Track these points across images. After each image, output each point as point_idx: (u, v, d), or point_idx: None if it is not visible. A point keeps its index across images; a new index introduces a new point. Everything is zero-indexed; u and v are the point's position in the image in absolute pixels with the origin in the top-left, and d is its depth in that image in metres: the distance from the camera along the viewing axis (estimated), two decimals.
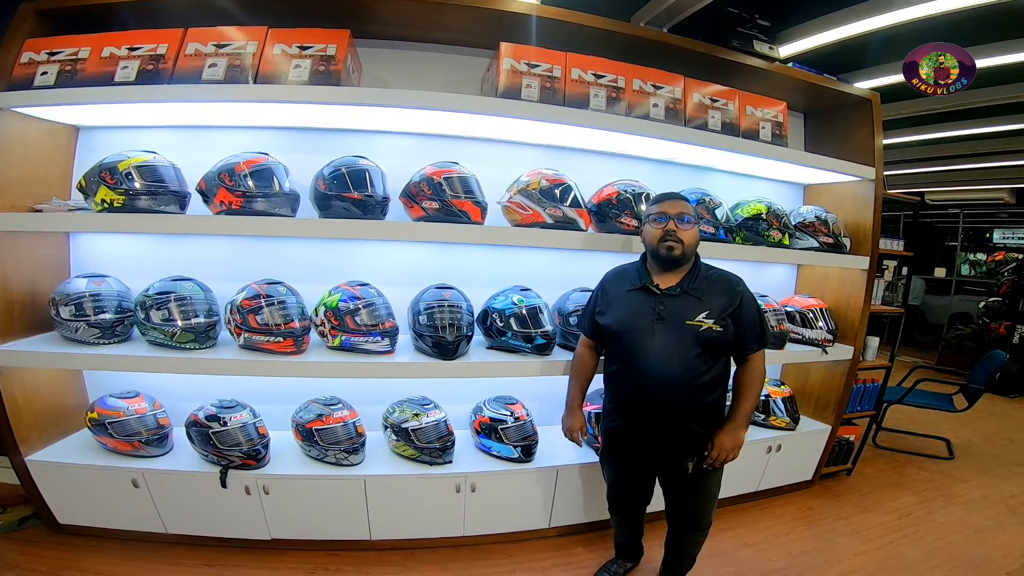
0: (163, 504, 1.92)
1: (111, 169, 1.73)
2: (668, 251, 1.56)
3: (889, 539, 2.38)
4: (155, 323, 1.77)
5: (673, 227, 1.54)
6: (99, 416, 1.90)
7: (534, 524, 2.19)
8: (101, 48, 1.78)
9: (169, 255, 2.10)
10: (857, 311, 2.61)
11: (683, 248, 1.55)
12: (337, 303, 1.83)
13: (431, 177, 1.85)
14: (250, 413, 1.93)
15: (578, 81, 1.94)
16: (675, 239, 1.54)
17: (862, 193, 2.61)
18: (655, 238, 1.58)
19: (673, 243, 1.55)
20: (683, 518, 1.74)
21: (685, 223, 1.55)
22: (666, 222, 1.56)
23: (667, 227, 1.55)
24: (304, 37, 1.78)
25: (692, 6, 2.39)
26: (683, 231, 1.55)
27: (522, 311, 1.97)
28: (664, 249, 1.56)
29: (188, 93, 1.71)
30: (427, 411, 2.01)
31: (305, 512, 1.96)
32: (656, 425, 1.60)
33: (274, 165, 1.80)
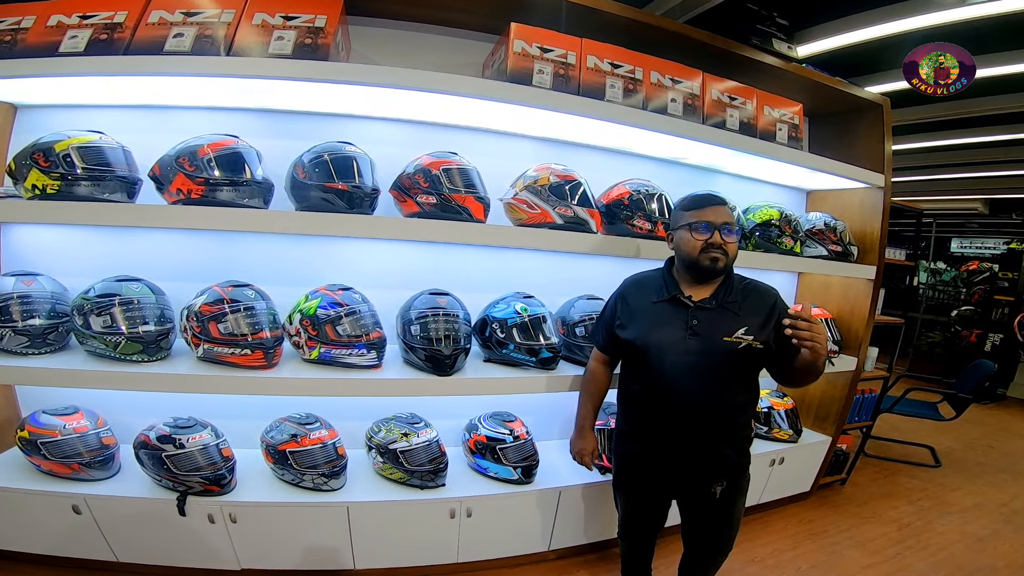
0: (112, 532, 1.67)
1: (45, 150, 1.46)
2: (712, 263, 1.39)
3: (894, 551, 2.35)
4: (95, 331, 1.49)
5: (719, 239, 1.38)
6: (31, 435, 1.62)
7: (533, 548, 2.03)
8: (48, 16, 1.52)
9: (114, 251, 1.82)
10: (861, 321, 2.54)
11: (727, 260, 1.40)
12: (315, 310, 1.60)
13: (428, 168, 1.63)
14: (211, 433, 1.68)
15: (594, 70, 1.76)
16: (721, 251, 1.38)
17: (870, 200, 2.53)
18: (695, 248, 1.40)
19: (718, 255, 1.39)
20: (706, 543, 1.61)
21: (730, 234, 1.40)
22: (711, 232, 1.39)
23: (711, 239, 1.39)
24: (290, 5, 1.54)
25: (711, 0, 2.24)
26: (728, 243, 1.39)
27: (526, 321, 1.78)
28: (707, 260, 1.39)
29: (145, 66, 1.45)
30: (417, 430, 1.81)
31: (279, 541, 1.74)
32: (685, 449, 1.45)
33: (244, 149, 1.55)
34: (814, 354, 1.29)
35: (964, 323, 5.81)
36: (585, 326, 1.91)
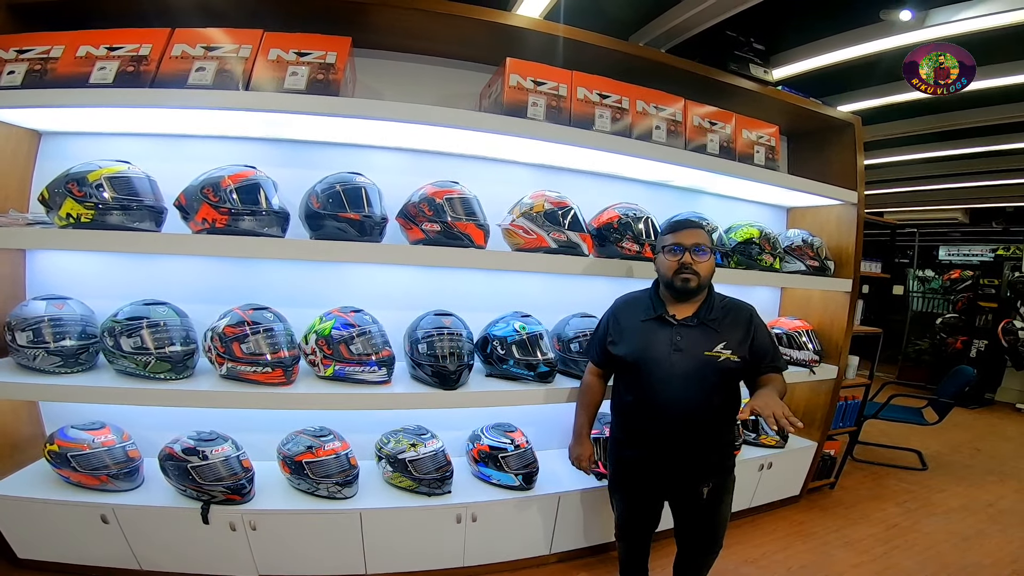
0: (136, 541, 1.76)
1: (79, 180, 1.56)
2: (684, 283, 1.53)
3: (882, 550, 2.45)
4: (126, 351, 1.61)
5: (689, 259, 1.52)
6: (60, 449, 1.72)
7: (535, 551, 2.13)
8: (76, 47, 1.62)
9: (137, 276, 1.93)
10: (840, 331, 2.68)
11: (699, 280, 1.53)
12: (330, 331, 1.72)
13: (432, 197, 1.77)
14: (232, 445, 1.79)
15: (584, 101, 1.91)
16: (691, 271, 1.52)
17: (845, 216, 2.69)
18: (670, 269, 1.55)
19: (689, 275, 1.53)
20: (697, 541, 1.72)
21: (701, 254, 1.53)
22: (682, 254, 1.53)
23: (683, 259, 1.53)
24: (303, 43, 1.67)
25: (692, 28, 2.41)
26: (699, 263, 1.53)
27: (524, 338, 1.91)
28: (680, 281, 1.54)
29: (172, 98, 1.57)
30: (424, 441, 1.92)
31: (296, 548, 1.83)
32: (673, 454, 1.58)
33: (262, 180, 1.68)
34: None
35: (949, 330, 5.97)
36: (579, 342, 2.03)
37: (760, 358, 1.57)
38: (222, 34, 1.67)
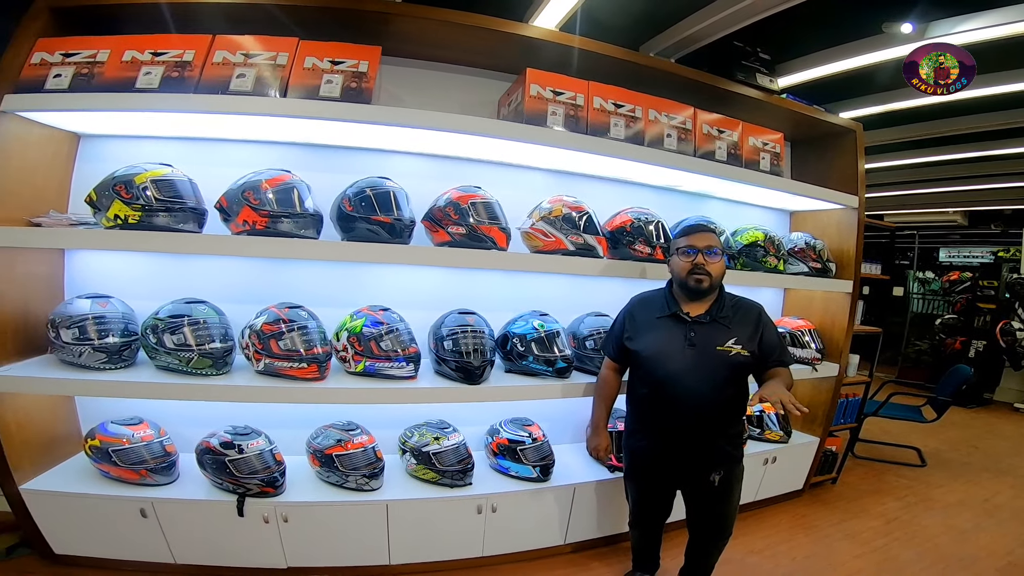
0: (173, 534, 1.84)
1: (127, 182, 1.62)
2: (697, 283, 1.64)
3: (882, 542, 2.54)
4: (168, 348, 1.70)
5: (702, 260, 1.62)
6: (101, 444, 1.80)
7: (550, 541, 2.21)
8: (122, 51, 1.68)
9: (172, 275, 2.01)
10: (842, 331, 2.78)
11: (711, 280, 1.63)
12: (361, 328, 1.81)
13: (457, 202, 1.86)
14: (265, 440, 1.87)
15: (599, 110, 2.00)
16: (703, 272, 1.62)
17: (846, 220, 2.79)
18: (684, 270, 1.66)
19: (701, 276, 1.63)
20: (709, 528, 1.82)
21: (713, 255, 1.64)
22: (695, 255, 1.63)
23: (695, 260, 1.63)
24: (336, 51, 1.75)
25: (701, 40, 2.51)
26: (711, 264, 1.63)
27: (542, 335, 2.01)
28: (693, 281, 1.64)
29: (217, 104, 1.65)
30: (447, 434, 2.01)
31: (324, 539, 1.91)
32: (686, 443, 1.67)
33: (298, 183, 1.76)
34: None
35: (948, 331, 6.07)
36: (594, 339, 2.13)
37: (768, 353, 1.66)
38: (260, 41, 1.74)
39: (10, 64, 1.67)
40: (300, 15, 1.84)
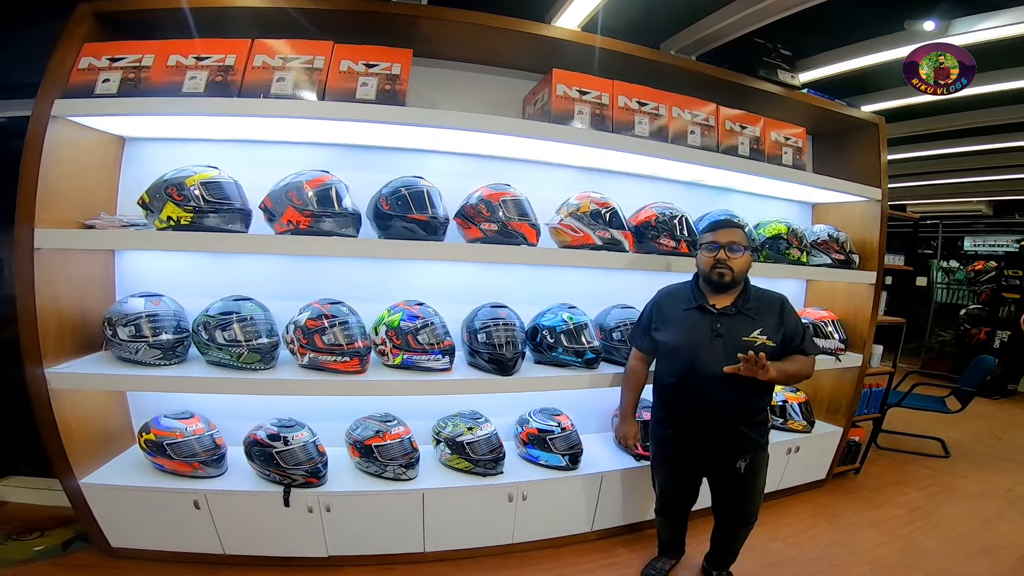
0: (223, 525, 1.92)
1: (178, 185, 1.69)
2: (719, 277, 1.69)
3: (905, 531, 2.56)
4: (220, 344, 1.79)
5: (724, 256, 1.68)
6: (156, 437, 1.89)
7: (578, 529, 2.27)
8: (167, 56, 1.73)
9: (217, 273, 2.10)
10: (865, 322, 2.79)
11: (733, 275, 1.69)
12: (399, 322, 1.89)
13: (489, 199, 1.93)
14: (309, 432, 1.96)
15: (624, 108, 2.05)
16: (726, 267, 1.68)
17: (869, 212, 2.80)
18: (707, 264, 1.72)
19: (724, 270, 1.68)
20: (734, 514, 1.87)
21: (736, 251, 1.68)
22: (718, 251, 1.69)
23: (718, 256, 1.68)
24: (370, 55, 1.80)
25: (722, 38, 2.53)
26: (734, 259, 1.68)
27: (572, 327, 2.07)
28: (716, 275, 1.70)
29: (261, 108, 1.71)
30: (480, 424, 2.09)
31: (363, 528, 1.99)
32: (712, 431, 1.73)
33: (337, 183, 1.82)
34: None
35: (973, 321, 5.99)
36: (620, 331, 2.19)
37: (788, 340, 1.71)
38: (296, 45, 1.79)
39: (57, 69, 1.70)
40: (330, 19, 1.88)
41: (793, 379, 1.72)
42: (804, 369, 1.70)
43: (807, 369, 1.71)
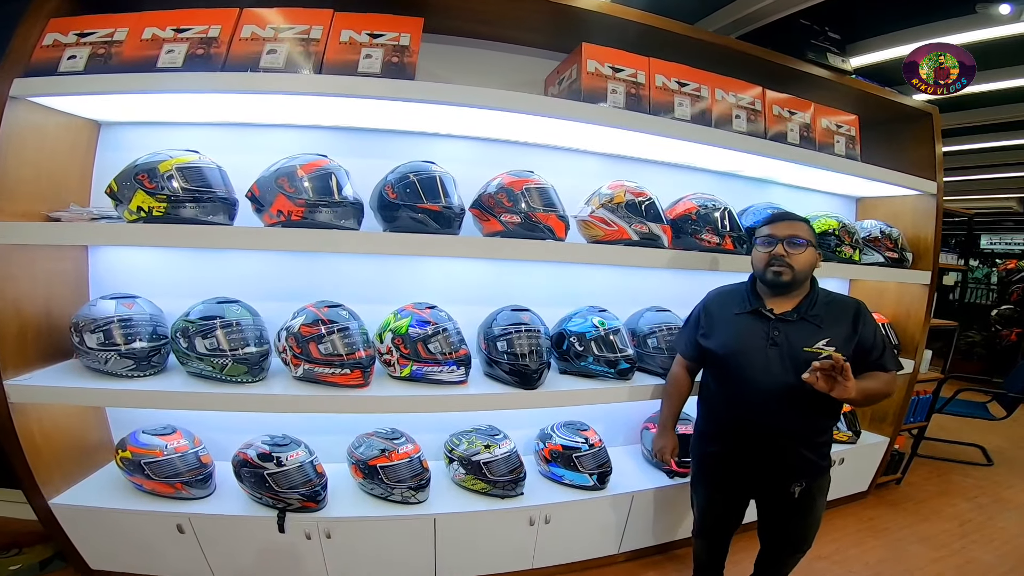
0: (212, 551, 1.72)
1: (150, 171, 1.47)
2: (775, 276, 1.45)
3: (959, 545, 2.38)
4: (201, 353, 1.55)
5: (781, 251, 1.44)
6: (133, 455, 1.67)
7: (604, 551, 2.07)
8: (141, 29, 1.52)
9: (201, 271, 1.87)
10: (917, 324, 2.57)
11: (792, 273, 1.45)
12: (407, 328, 1.65)
13: (510, 188, 1.68)
14: (305, 450, 1.74)
15: (662, 88, 1.81)
16: (783, 264, 1.44)
17: (922, 207, 2.56)
18: (761, 262, 1.48)
19: (780, 268, 1.45)
20: (785, 542, 1.65)
21: (796, 246, 1.45)
22: (774, 246, 1.45)
23: (775, 251, 1.45)
24: (375, 23, 1.57)
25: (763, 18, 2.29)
26: (794, 255, 1.44)
27: (603, 334, 1.83)
28: (771, 274, 1.46)
29: (247, 83, 1.47)
30: (498, 442, 1.86)
31: (367, 555, 1.78)
32: (764, 451, 1.50)
33: (336, 169, 1.59)
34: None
35: (1004, 322, 5.79)
36: (656, 337, 1.95)
37: (865, 354, 1.47)
38: (291, 14, 1.57)
39: (20, 47, 1.51)
40: None
41: (872, 400, 1.47)
42: (885, 388, 1.46)
43: (888, 388, 1.47)
